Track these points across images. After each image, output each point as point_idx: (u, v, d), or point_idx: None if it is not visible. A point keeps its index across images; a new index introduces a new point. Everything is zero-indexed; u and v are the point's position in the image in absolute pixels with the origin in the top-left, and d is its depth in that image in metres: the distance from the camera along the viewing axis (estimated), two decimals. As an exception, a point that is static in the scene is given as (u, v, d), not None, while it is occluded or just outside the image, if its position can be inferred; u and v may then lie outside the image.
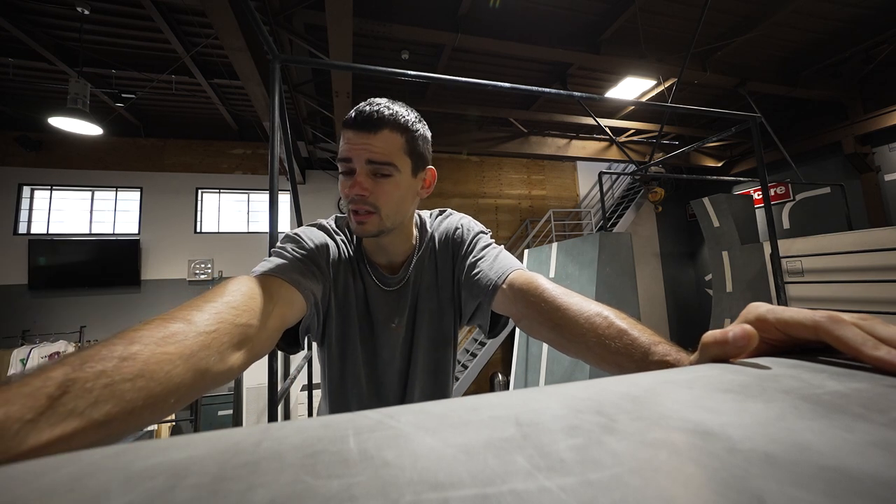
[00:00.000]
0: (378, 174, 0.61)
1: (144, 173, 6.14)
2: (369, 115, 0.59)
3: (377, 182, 0.61)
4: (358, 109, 0.61)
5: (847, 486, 0.12)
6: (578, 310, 0.49)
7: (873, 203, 5.60)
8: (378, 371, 0.76)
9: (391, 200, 0.63)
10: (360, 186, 0.60)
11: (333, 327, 0.71)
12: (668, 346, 0.40)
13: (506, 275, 0.63)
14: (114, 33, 4.09)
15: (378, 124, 0.60)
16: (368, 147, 0.60)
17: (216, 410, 5.49)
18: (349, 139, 0.61)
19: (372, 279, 0.73)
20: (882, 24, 4.41)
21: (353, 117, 0.60)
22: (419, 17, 3.83)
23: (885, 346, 0.22)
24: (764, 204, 2.37)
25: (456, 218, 0.80)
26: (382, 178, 0.61)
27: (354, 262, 0.73)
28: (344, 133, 0.61)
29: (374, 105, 0.61)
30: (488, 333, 0.72)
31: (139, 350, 0.31)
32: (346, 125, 0.61)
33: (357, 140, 0.60)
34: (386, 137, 0.60)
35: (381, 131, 0.60)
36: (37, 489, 0.12)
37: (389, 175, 0.62)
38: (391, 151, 0.61)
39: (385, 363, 0.76)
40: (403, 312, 0.75)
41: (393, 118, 0.61)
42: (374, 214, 0.62)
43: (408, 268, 0.74)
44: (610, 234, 4.22)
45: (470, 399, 0.20)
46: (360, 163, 0.60)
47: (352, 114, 0.61)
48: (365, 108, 0.61)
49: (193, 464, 0.14)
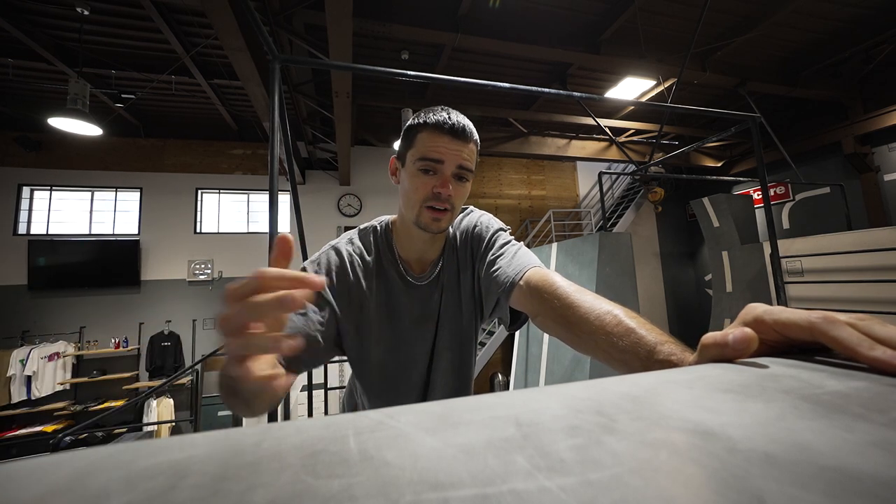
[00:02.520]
0: (460, 178, 0.69)
1: (144, 173, 6.13)
2: (463, 127, 0.67)
3: (458, 185, 0.69)
4: (448, 118, 0.67)
5: (847, 486, 0.12)
6: (589, 308, 0.51)
7: (873, 203, 5.60)
8: (399, 369, 0.78)
9: (461, 202, 0.72)
10: (450, 187, 0.67)
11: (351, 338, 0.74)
12: (674, 345, 0.41)
13: (523, 272, 0.65)
14: (113, 33, 4.09)
15: (470, 136, 0.68)
16: (460, 154, 0.67)
17: (216, 411, 5.49)
18: (444, 143, 0.67)
19: (402, 277, 0.76)
20: (882, 24, 4.41)
21: (450, 125, 0.66)
22: (419, 17, 3.83)
23: (881, 347, 0.22)
24: (764, 204, 2.37)
25: (476, 215, 0.84)
26: (462, 182, 0.70)
27: (379, 266, 0.76)
28: (432, 135, 0.67)
29: (460, 116, 0.69)
30: (509, 327, 0.75)
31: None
32: (438, 130, 0.67)
33: (452, 146, 0.67)
34: (471, 149, 0.69)
35: (470, 143, 0.69)
36: (37, 489, 0.12)
37: (468, 180, 0.70)
38: (473, 161, 0.70)
39: (407, 362, 0.78)
40: (428, 310, 0.77)
41: (474, 134, 0.70)
42: (450, 212, 0.69)
43: (435, 266, 0.78)
44: (610, 234, 4.21)
45: (470, 399, 0.20)
46: (451, 166, 0.67)
47: (441, 120, 0.67)
48: (456, 119, 0.67)
49: (193, 463, 0.14)
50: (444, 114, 0.68)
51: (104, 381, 5.36)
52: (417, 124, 0.69)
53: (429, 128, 0.67)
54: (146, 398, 5.00)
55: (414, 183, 0.68)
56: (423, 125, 0.68)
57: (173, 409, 5.25)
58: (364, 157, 6.76)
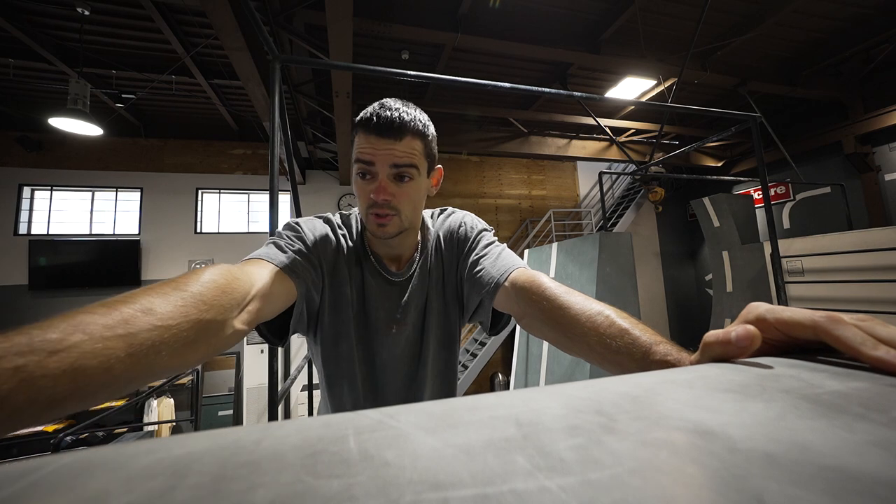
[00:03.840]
0: (400, 178, 0.63)
1: (144, 173, 6.14)
2: (391, 121, 0.60)
3: (399, 186, 0.63)
4: (377, 114, 0.61)
5: (847, 485, 0.12)
6: (580, 309, 0.49)
7: (873, 203, 5.59)
8: (377, 372, 0.74)
9: (411, 202, 0.66)
10: (385, 191, 0.62)
11: (327, 324, 0.70)
12: (669, 345, 0.40)
13: (508, 273, 0.63)
14: (114, 33, 4.09)
15: (401, 131, 0.61)
16: (392, 153, 0.61)
17: (216, 411, 5.50)
18: (372, 143, 0.61)
19: (375, 273, 0.73)
20: (882, 24, 4.41)
21: (375, 122, 0.60)
22: (419, 17, 3.83)
23: (883, 346, 0.22)
24: (764, 204, 2.37)
25: (459, 216, 0.81)
26: (403, 181, 0.63)
27: (356, 257, 0.72)
28: (363, 135, 0.62)
29: (393, 110, 0.61)
30: (490, 331, 0.72)
31: (78, 341, 0.30)
32: (366, 128, 0.61)
33: (381, 145, 0.61)
34: (408, 143, 0.62)
35: (404, 138, 0.62)
36: (37, 489, 0.12)
37: (411, 178, 0.64)
38: (413, 156, 0.63)
39: (385, 364, 0.74)
40: (408, 311, 0.74)
41: (413, 124, 0.62)
42: (396, 216, 0.64)
43: (412, 264, 0.74)
44: (610, 234, 4.21)
45: (470, 399, 0.20)
46: (383, 168, 0.62)
47: (369, 116, 0.61)
48: (385, 114, 0.61)
49: (194, 463, 0.14)
50: (375, 108, 0.62)
51: (104, 380, 5.36)
52: (355, 123, 0.64)
53: (360, 127, 0.62)
54: (146, 398, 4.99)
55: (356, 189, 0.65)
56: (356, 124, 0.63)
57: (174, 409, 5.25)
58: (364, 157, 6.75)
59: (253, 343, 5.76)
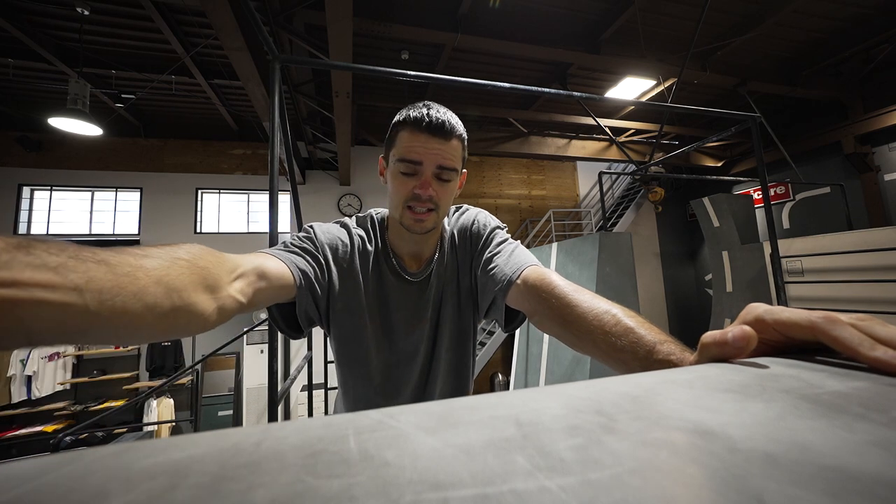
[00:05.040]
0: (442, 178, 0.67)
1: (144, 173, 6.14)
2: (441, 123, 0.64)
3: (441, 184, 0.67)
4: (428, 114, 0.64)
5: (847, 485, 0.12)
6: (588, 307, 0.50)
7: (873, 203, 5.60)
8: (391, 369, 0.76)
9: (448, 201, 0.70)
10: (431, 188, 0.65)
11: (342, 323, 0.72)
12: (674, 345, 0.40)
13: (520, 270, 0.64)
14: (114, 34, 4.09)
15: (450, 133, 0.65)
16: (440, 153, 0.65)
17: (216, 411, 5.49)
18: (422, 142, 0.64)
19: (396, 273, 0.75)
20: (882, 24, 4.41)
21: (427, 122, 0.63)
22: (419, 17, 3.83)
23: (881, 347, 0.22)
24: (764, 204, 2.37)
25: (472, 213, 0.83)
26: (445, 181, 0.67)
27: (376, 257, 0.74)
28: (411, 134, 0.65)
29: (441, 113, 0.65)
30: (504, 327, 0.73)
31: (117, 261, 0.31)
32: (417, 128, 0.64)
33: (430, 145, 0.64)
34: (454, 146, 0.66)
35: (451, 140, 0.66)
36: (37, 489, 0.12)
37: (451, 179, 0.68)
38: (456, 159, 0.67)
39: (400, 361, 0.76)
40: (426, 309, 0.76)
41: (458, 129, 0.67)
42: (434, 212, 0.68)
43: (430, 263, 0.76)
44: (610, 234, 4.21)
45: (470, 399, 0.20)
46: (430, 167, 0.65)
47: (420, 117, 0.64)
48: (435, 116, 0.64)
49: (194, 463, 0.14)
50: (424, 110, 0.65)
51: (104, 380, 5.36)
52: (397, 122, 0.67)
53: (408, 126, 0.65)
54: (146, 398, 4.99)
55: (395, 184, 0.67)
56: (402, 123, 0.66)
57: (173, 409, 5.25)
58: (364, 157, 6.76)
59: (253, 343, 5.76)
